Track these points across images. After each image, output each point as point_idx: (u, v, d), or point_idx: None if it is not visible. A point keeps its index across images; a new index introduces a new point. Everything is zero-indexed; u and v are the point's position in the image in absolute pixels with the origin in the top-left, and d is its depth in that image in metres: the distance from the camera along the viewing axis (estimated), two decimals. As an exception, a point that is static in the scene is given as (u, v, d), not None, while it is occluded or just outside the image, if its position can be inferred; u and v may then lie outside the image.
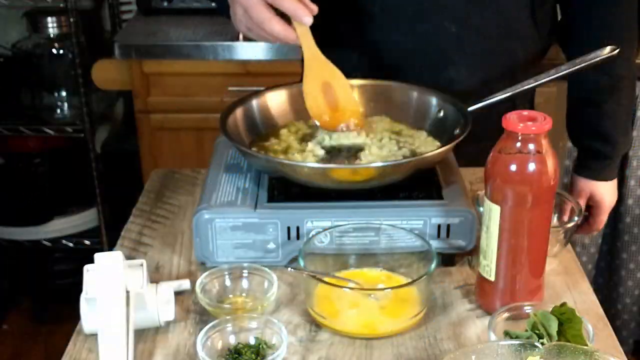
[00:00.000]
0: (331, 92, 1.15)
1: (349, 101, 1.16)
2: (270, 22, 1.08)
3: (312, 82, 1.15)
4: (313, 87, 1.15)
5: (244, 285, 1.04)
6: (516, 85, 1.19)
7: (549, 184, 0.93)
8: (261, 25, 1.09)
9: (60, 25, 2.40)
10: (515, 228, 0.95)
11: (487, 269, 0.99)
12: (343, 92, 1.16)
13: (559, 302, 0.92)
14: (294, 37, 1.10)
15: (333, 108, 1.15)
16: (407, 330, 0.98)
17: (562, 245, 1.13)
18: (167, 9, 2.42)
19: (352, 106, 1.16)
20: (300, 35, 1.11)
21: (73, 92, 2.41)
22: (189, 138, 2.33)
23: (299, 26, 1.10)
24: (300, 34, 1.11)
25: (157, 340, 0.97)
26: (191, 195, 1.30)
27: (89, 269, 0.94)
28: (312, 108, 1.16)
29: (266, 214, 1.06)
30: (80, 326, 0.98)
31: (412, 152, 1.15)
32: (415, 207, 1.07)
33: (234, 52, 2.20)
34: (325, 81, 1.15)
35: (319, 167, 1.06)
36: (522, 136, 0.91)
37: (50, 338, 2.54)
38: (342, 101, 1.16)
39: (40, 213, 2.55)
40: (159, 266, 1.12)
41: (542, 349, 0.80)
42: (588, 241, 2.24)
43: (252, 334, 0.94)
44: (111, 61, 2.28)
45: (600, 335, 0.97)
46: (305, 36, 1.12)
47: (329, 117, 1.14)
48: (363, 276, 1.05)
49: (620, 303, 2.28)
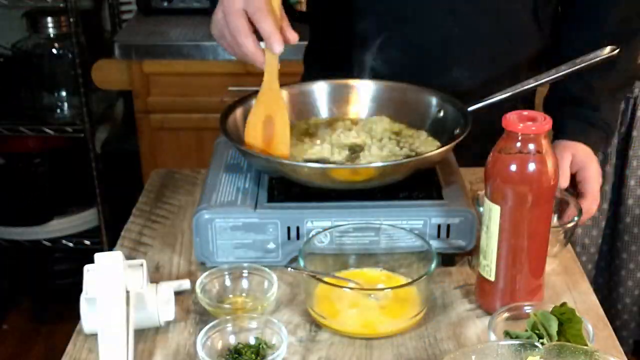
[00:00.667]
0: (270, 127, 1.12)
1: (283, 140, 1.12)
2: (245, 35, 1.05)
3: (258, 113, 1.12)
4: (257, 119, 1.12)
5: (244, 285, 1.04)
6: (516, 85, 1.19)
7: (549, 184, 0.93)
8: (235, 35, 1.06)
9: (60, 25, 2.40)
10: (515, 228, 0.95)
11: (487, 269, 0.99)
12: (281, 128, 1.12)
13: (559, 302, 0.92)
14: (261, 60, 1.07)
15: (267, 143, 1.12)
16: (407, 330, 0.98)
17: (562, 245, 1.13)
18: (167, 9, 2.42)
19: (283, 146, 1.12)
20: (267, 61, 1.07)
21: (73, 92, 2.41)
22: (189, 138, 2.33)
23: (269, 52, 1.07)
24: (268, 60, 1.07)
25: (157, 340, 0.97)
26: (191, 195, 1.30)
27: (89, 269, 0.94)
28: (249, 134, 1.12)
29: (266, 214, 1.06)
30: (80, 326, 0.98)
31: (412, 152, 1.15)
32: (415, 207, 1.07)
33: (234, 52, 2.20)
34: (269, 114, 1.12)
35: (319, 167, 1.06)
36: (522, 136, 0.91)
37: (50, 338, 2.54)
38: (277, 135, 1.12)
39: (40, 213, 2.55)
40: (159, 266, 1.12)
41: (542, 349, 0.80)
42: (588, 241, 2.24)
43: (252, 334, 0.94)
44: (111, 61, 2.28)
45: (600, 335, 0.97)
46: (271, 64, 1.08)
47: (258, 148, 1.11)
48: (363, 276, 1.05)
49: (620, 303, 2.28)
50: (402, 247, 1.05)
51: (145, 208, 1.27)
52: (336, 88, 1.29)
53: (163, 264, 1.13)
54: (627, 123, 2.10)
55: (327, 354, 0.95)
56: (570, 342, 0.85)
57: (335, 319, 0.97)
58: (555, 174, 0.93)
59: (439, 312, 1.02)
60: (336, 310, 0.98)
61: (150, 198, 1.30)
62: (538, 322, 0.88)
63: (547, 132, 0.92)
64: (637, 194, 2.15)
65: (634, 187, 2.14)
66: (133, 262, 0.98)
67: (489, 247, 0.98)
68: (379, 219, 1.06)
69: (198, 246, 1.07)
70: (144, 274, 0.96)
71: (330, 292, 0.99)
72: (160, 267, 1.12)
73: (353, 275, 1.05)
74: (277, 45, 1.05)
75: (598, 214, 2.21)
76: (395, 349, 0.95)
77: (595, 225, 2.23)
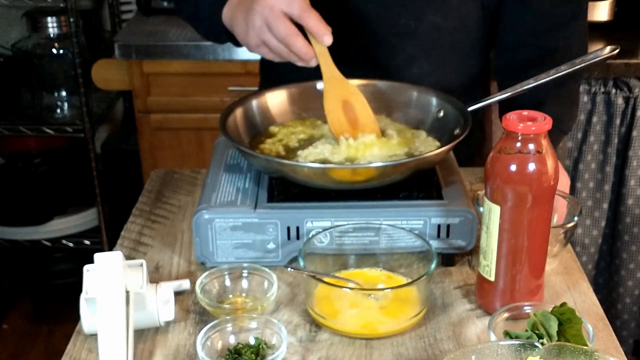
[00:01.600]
0: (351, 110, 1.16)
1: (368, 117, 1.17)
2: (295, 37, 1.06)
3: (333, 100, 1.16)
4: (334, 105, 1.16)
5: (243, 285, 1.04)
6: (516, 86, 1.19)
7: (549, 184, 0.93)
8: (284, 39, 1.07)
9: (60, 25, 2.40)
10: (515, 228, 0.95)
11: (487, 269, 0.99)
12: (362, 109, 1.17)
13: (559, 302, 0.92)
14: (312, 56, 1.08)
15: (353, 125, 1.16)
16: (407, 330, 0.98)
17: (562, 245, 1.12)
18: (167, 9, 2.42)
19: (371, 123, 1.17)
20: (319, 54, 1.10)
21: (73, 92, 2.41)
22: (189, 138, 2.33)
23: (317, 45, 1.10)
24: (319, 53, 1.11)
25: (157, 340, 0.97)
26: (191, 195, 1.30)
27: (89, 269, 0.94)
28: (334, 125, 1.16)
29: (266, 214, 1.06)
30: (80, 326, 0.98)
31: (412, 152, 1.15)
32: (415, 207, 1.07)
33: (234, 52, 2.20)
34: (344, 99, 1.16)
35: (319, 167, 1.06)
36: (522, 136, 0.91)
37: (50, 338, 2.54)
38: (361, 118, 1.17)
39: (40, 213, 2.55)
40: (158, 266, 1.12)
41: (542, 349, 0.80)
42: (588, 241, 2.24)
43: (252, 334, 0.94)
44: (111, 61, 2.28)
45: (600, 335, 0.97)
46: (324, 55, 1.12)
47: (350, 134, 1.15)
48: (363, 276, 1.05)
49: (620, 303, 2.28)
50: (402, 247, 1.05)
51: (145, 208, 1.27)
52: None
53: (163, 264, 1.13)
54: (627, 123, 2.10)
55: (327, 354, 0.95)
56: (570, 342, 0.85)
57: (335, 319, 0.97)
58: (555, 174, 0.93)
59: (439, 312, 1.02)
60: (336, 310, 0.98)
61: (150, 198, 1.30)
62: (538, 322, 0.88)
63: (547, 132, 0.92)
64: (637, 194, 2.16)
65: (634, 187, 2.15)
66: (133, 262, 0.98)
67: (489, 247, 0.98)
68: (379, 219, 1.06)
69: (198, 246, 1.07)
70: (144, 274, 0.96)
71: (330, 292, 0.99)
72: (160, 267, 1.12)
73: (353, 275, 1.05)
74: (327, 37, 1.07)
75: (598, 214, 2.21)
76: (395, 349, 0.95)
77: (595, 225, 2.23)
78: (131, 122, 2.41)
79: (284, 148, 1.18)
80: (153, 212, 1.26)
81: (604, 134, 2.13)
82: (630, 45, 2.14)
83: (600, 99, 2.09)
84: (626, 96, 2.07)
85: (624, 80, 2.07)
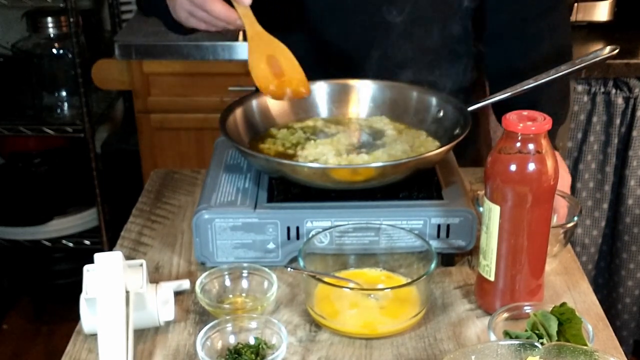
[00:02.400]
0: (277, 64, 1.16)
1: (295, 69, 1.17)
2: (211, 3, 1.09)
3: (257, 55, 1.16)
4: (258, 61, 1.16)
5: (243, 285, 1.04)
6: (516, 86, 1.19)
7: (549, 184, 0.93)
8: (202, 5, 1.10)
9: (60, 25, 2.40)
10: (515, 228, 0.95)
11: (487, 269, 0.99)
12: (288, 62, 1.17)
13: (559, 302, 0.92)
14: (235, 17, 1.11)
15: (279, 77, 1.16)
16: (407, 330, 0.98)
17: (562, 245, 1.12)
18: (167, 9, 2.42)
19: (298, 74, 1.17)
20: (242, 15, 1.12)
21: (73, 92, 2.41)
22: (189, 138, 2.33)
23: (240, 7, 1.11)
24: (242, 14, 1.12)
25: (157, 340, 0.97)
26: (191, 195, 1.30)
27: (89, 269, 0.94)
28: (259, 78, 1.16)
29: (266, 214, 1.06)
30: (80, 326, 0.98)
31: (412, 152, 1.15)
32: (415, 207, 1.07)
33: (234, 52, 2.20)
34: (269, 54, 1.16)
35: (319, 167, 1.06)
36: (522, 136, 0.91)
37: (50, 338, 2.54)
38: (287, 70, 1.16)
39: (40, 213, 2.55)
40: (158, 266, 1.12)
41: (542, 349, 0.80)
42: (588, 241, 2.24)
43: (252, 334, 0.94)
44: (111, 61, 2.28)
45: (600, 335, 0.97)
46: (247, 16, 1.13)
47: (275, 87, 1.15)
48: (363, 276, 1.05)
49: (620, 303, 2.28)
50: (402, 247, 1.05)
51: (145, 208, 1.27)
52: (336, 88, 1.29)
53: (163, 264, 1.13)
54: (627, 123, 2.10)
55: (327, 354, 0.95)
56: (570, 342, 0.85)
57: (335, 319, 0.97)
58: (555, 174, 0.93)
59: (439, 312, 1.02)
60: (336, 310, 0.98)
61: (150, 198, 1.30)
62: (538, 322, 0.88)
63: (547, 132, 0.92)
64: (637, 194, 2.16)
65: (634, 187, 2.15)
66: (133, 262, 0.98)
67: (489, 247, 0.98)
68: (379, 219, 1.06)
69: (198, 246, 1.07)
70: (144, 274, 0.96)
71: (330, 292, 0.99)
72: (160, 267, 1.12)
73: (353, 275, 1.05)
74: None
75: (598, 214, 2.21)
76: (395, 349, 0.95)
77: (595, 225, 2.23)
78: (131, 122, 2.41)
79: (283, 148, 1.18)
80: (153, 212, 1.26)
81: (604, 134, 2.13)
82: (630, 45, 2.14)
83: (600, 99, 2.09)
84: (626, 96, 2.07)
85: (624, 80, 2.07)
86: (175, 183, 1.35)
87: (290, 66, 1.16)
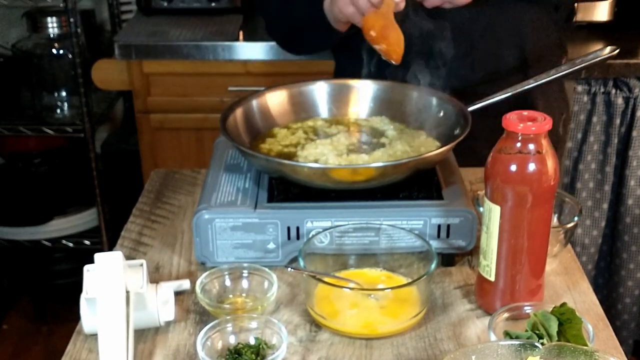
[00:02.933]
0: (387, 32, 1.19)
1: (399, 43, 1.19)
2: None
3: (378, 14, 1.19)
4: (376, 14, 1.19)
5: (244, 285, 1.04)
6: (516, 85, 1.19)
7: (549, 184, 0.93)
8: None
9: (60, 25, 2.39)
10: (515, 228, 0.95)
11: (487, 269, 0.99)
12: (396, 35, 1.19)
13: (559, 302, 0.92)
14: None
15: (384, 38, 1.19)
16: (407, 330, 0.98)
17: (562, 245, 1.13)
18: (167, 9, 2.42)
19: (399, 47, 1.19)
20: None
21: (73, 92, 2.41)
22: (189, 138, 2.33)
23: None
24: None
25: (157, 340, 0.97)
26: (191, 195, 1.30)
27: (89, 269, 0.94)
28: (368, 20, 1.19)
29: (266, 214, 1.06)
30: (80, 326, 0.98)
31: (412, 152, 1.15)
32: (415, 207, 1.07)
33: (234, 52, 2.20)
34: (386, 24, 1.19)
35: (319, 167, 1.06)
36: (522, 136, 0.91)
37: (50, 338, 2.54)
38: (393, 39, 1.19)
39: (40, 213, 2.55)
40: (159, 266, 1.12)
41: (542, 349, 0.80)
42: (588, 241, 2.24)
43: (252, 334, 0.94)
44: (111, 61, 2.28)
45: (600, 335, 0.97)
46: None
47: (376, 33, 1.18)
48: (363, 276, 1.05)
49: (620, 303, 2.28)
50: (402, 247, 1.05)
51: (145, 208, 1.27)
52: (336, 88, 1.29)
53: (163, 264, 1.13)
54: (627, 123, 2.10)
55: (327, 354, 0.95)
56: (570, 342, 0.85)
57: (335, 319, 0.97)
58: (555, 174, 0.93)
59: (439, 312, 1.02)
60: (336, 311, 0.98)
61: (150, 198, 1.30)
62: (538, 322, 0.88)
63: (547, 132, 0.92)
64: (637, 194, 2.15)
65: (634, 187, 2.14)
66: (133, 262, 0.98)
67: (489, 247, 0.98)
68: (379, 219, 1.06)
69: (198, 246, 1.07)
70: (144, 274, 0.96)
71: (330, 292, 0.99)
72: (160, 267, 1.12)
73: (353, 276, 1.05)
74: None
75: (598, 214, 2.21)
76: (395, 349, 0.95)
77: (595, 225, 2.23)
78: (131, 122, 2.41)
79: (284, 148, 1.18)
80: (153, 212, 1.26)
81: (604, 134, 2.13)
82: (630, 45, 2.14)
83: (600, 99, 2.09)
84: (626, 96, 2.07)
85: (624, 80, 2.07)
86: (175, 183, 1.35)
87: (396, 38, 1.18)
